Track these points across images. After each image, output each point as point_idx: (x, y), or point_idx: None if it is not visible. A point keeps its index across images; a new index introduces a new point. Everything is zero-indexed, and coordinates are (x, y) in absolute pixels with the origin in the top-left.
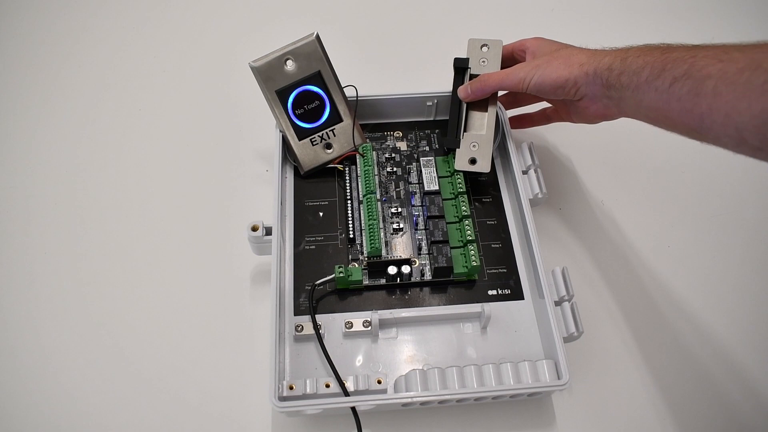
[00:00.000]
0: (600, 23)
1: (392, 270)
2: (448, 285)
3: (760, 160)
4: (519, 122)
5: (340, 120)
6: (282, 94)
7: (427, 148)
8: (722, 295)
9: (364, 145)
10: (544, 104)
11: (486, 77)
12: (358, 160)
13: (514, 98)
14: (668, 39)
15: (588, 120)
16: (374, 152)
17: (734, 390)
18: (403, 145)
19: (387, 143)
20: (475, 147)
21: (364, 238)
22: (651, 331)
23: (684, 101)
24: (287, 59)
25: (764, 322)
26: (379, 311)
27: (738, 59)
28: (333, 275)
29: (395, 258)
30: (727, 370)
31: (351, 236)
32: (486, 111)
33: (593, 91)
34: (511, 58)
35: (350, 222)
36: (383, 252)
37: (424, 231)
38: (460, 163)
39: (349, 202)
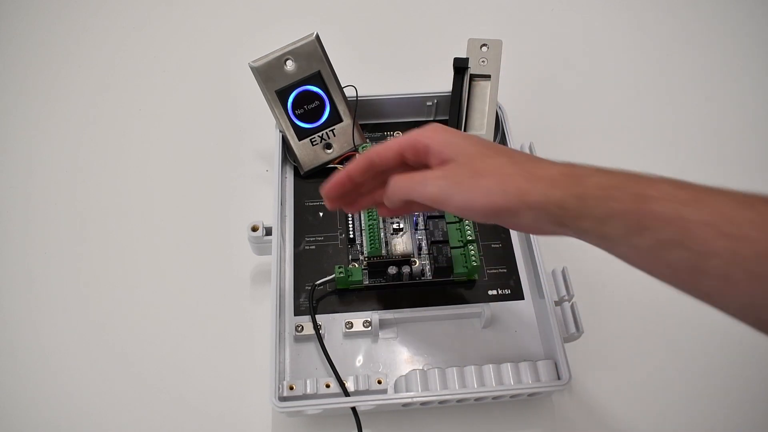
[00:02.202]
0: (600, 23)
1: (392, 270)
2: (448, 285)
3: None
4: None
5: (340, 120)
6: (282, 94)
7: None
8: None
9: (364, 145)
10: None
11: (394, 181)
12: None
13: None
14: (668, 38)
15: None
16: None
17: (734, 390)
18: None
19: None
20: None
21: (364, 238)
22: (651, 330)
23: (679, 273)
24: (287, 59)
25: None
26: (379, 311)
27: (754, 239)
28: (333, 275)
29: (395, 258)
30: (728, 370)
31: (351, 236)
32: (486, 111)
33: (542, 227)
34: (401, 164)
35: (350, 222)
36: (383, 252)
37: (424, 231)
38: None
39: None
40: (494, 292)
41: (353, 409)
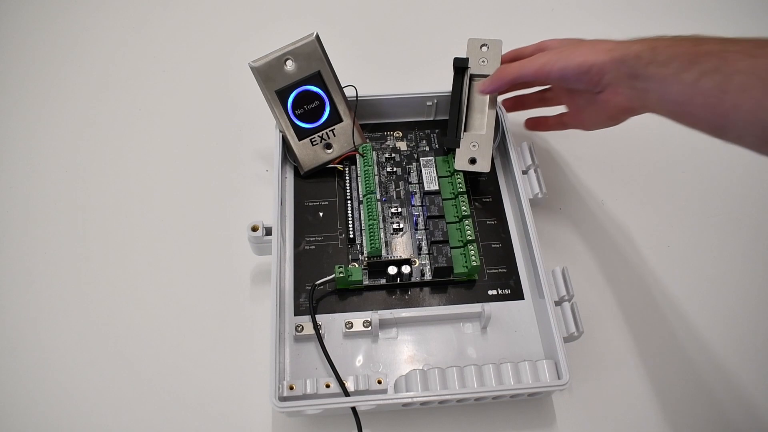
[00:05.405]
0: (600, 23)
1: (392, 270)
2: (448, 285)
3: None
4: (532, 125)
5: (340, 120)
6: (282, 94)
7: (427, 148)
8: (722, 295)
9: (364, 145)
10: (561, 109)
11: (504, 67)
12: (358, 160)
13: (536, 98)
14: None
15: (608, 117)
16: (374, 152)
17: (735, 390)
18: (403, 145)
19: (387, 143)
20: (474, 147)
21: (364, 238)
22: (651, 331)
23: (709, 97)
24: (287, 59)
25: (764, 323)
26: (379, 311)
27: None
28: (333, 275)
29: (395, 258)
30: (727, 370)
31: (351, 236)
32: (486, 111)
33: (618, 79)
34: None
35: (350, 222)
36: (383, 252)
37: (424, 231)
38: (460, 163)
39: (349, 202)
40: (494, 292)
41: (353, 409)
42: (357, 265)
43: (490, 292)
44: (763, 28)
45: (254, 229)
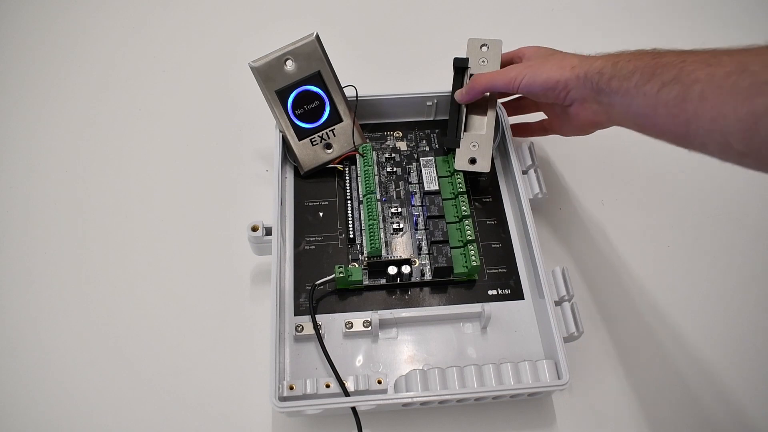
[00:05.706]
0: (599, 23)
1: (392, 270)
2: (448, 285)
3: (747, 167)
4: (517, 131)
5: (340, 120)
6: (282, 94)
7: (427, 148)
8: (722, 294)
9: (364, 145)
10: (543, 115)
11: (477, 77)
12: (358, 160)
13: (515, 105)
14: (666, 40)
15: (579, 128)
16: (374, 152)
17: (736, 389)
18: (403, 145)
19: (387, 143)
20: (474, 147)
21: (364, 238)
22: (651, 330)
23: (671, 107)
24: (287, 59)
25: (764, 322)
26: (379, 311)
27: (726, 63)
28: (333, 275)
29: (395, 258)
30: (728, 370)
31: (351, 236)
32: (486, 111)
33: (583, 94)
34: (509, 64)
35: (350, 222)
36: (383, 252)
37: (424, 231)
38: (460, 162)
39: (349, 202)
40: (494, 292)
41: (353, 409)
42: (357, 265)
43: (490, 292)
44: (763, 29)
45: (254, 229)
